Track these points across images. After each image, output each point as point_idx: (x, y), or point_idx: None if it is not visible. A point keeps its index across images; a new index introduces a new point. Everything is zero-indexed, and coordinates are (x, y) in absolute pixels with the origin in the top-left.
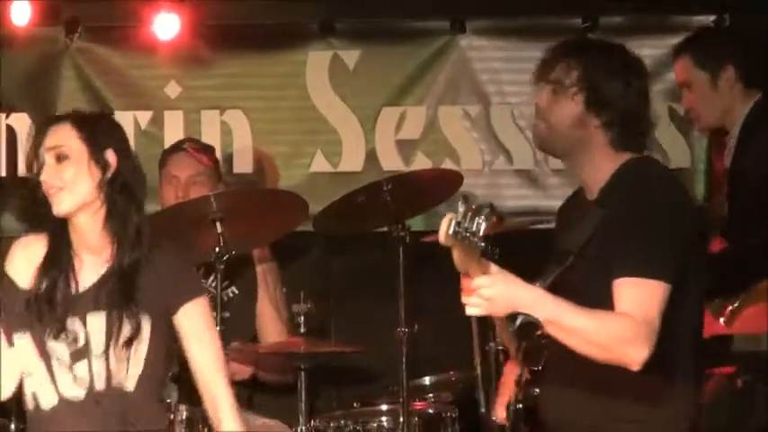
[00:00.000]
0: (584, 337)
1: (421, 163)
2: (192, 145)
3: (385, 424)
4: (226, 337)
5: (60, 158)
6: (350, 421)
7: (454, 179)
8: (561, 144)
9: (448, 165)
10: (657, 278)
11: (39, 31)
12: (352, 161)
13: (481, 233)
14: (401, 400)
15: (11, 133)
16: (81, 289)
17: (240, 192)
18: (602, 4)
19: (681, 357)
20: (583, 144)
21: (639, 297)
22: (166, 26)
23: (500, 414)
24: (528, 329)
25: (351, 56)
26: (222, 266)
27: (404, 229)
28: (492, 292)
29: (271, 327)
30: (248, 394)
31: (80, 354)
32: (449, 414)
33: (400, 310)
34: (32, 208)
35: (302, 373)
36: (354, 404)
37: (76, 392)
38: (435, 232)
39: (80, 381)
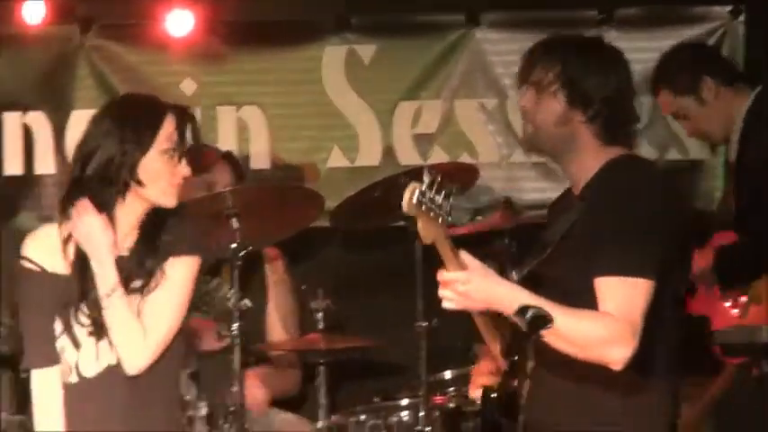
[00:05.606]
0: (563, 336)
1: (438, 157)
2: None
3: (405, 419)
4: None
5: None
6: (370, 416)
7: (471, 172)
8: (548, 143)
9: (465, 158)
10: (640, 275)
11: (53, 30)
12: (369, 156)
13: (448, 208)
14: (421, 394)
15: (27, 132)
16: None
17: (256, 188)
18: None
19: (656, 351)
20: (569, 141)
21: (622, 296)
22: (180, 23)
23: (475, 394)
24: (538, 322)
25: (367, 50)
26: (239, 262)
27: None
28: (467, 288)
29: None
30: None
31: (102, 331)
32: (469, 408)
33: (418, 305)
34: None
35: (322, 369)
36: (375, 399)
37: (96, 369)
38: (453, 226)
39: (102, 357)
